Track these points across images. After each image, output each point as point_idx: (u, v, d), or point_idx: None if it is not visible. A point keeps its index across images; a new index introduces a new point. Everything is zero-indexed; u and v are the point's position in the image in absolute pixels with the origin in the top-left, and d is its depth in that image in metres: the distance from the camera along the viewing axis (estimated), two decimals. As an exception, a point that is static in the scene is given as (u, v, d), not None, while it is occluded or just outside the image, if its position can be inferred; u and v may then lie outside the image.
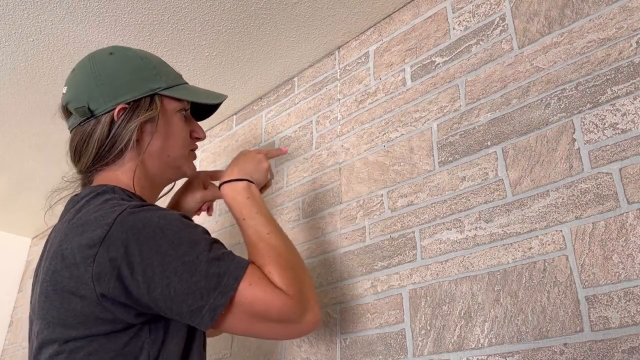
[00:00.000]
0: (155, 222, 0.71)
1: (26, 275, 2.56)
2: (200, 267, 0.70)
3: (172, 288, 0.68)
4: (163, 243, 0.69)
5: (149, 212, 0.73)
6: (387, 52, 1.27)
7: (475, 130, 1.01)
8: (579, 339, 0.76)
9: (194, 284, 0.69)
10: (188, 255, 0.70)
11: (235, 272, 0.71)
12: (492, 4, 1.07)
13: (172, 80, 0.90)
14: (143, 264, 0.68)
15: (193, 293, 0.69)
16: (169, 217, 0.73)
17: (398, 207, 1.08)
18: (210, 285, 0.69)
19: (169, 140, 0.88)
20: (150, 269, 0.68)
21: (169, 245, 0.70)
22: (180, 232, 0.72)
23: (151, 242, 0.69)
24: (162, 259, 0.69)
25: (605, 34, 0.88)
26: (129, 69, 0.86)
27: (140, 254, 0.68)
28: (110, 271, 0.68)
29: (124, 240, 0.69)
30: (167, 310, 0.70)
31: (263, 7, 1.25)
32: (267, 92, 1.59)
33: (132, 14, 1.26)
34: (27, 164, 1.93)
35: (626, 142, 0.80)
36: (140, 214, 0.72)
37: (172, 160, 0.89)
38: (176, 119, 0.90)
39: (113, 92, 0.84)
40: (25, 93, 1.54)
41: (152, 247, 0.69)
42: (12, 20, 1.27)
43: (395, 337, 0.98)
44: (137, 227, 0.70)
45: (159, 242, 0.69)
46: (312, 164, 1.33)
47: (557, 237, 0.83)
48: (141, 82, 0.86)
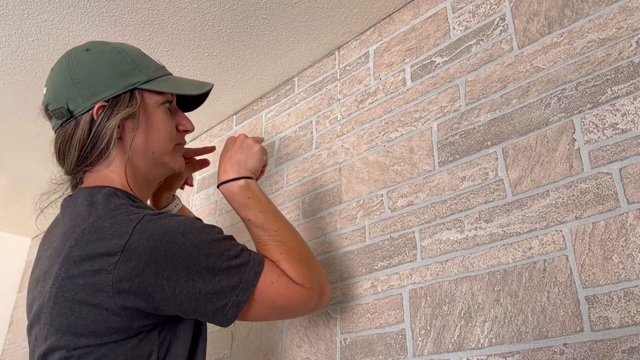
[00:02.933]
0: (174, 227, 0.72)
1: (26, 275, 2.56)
2: (222, 266, 0.73)
3: (198, 289, 0.70)
4: (185, 247, 0.71)
5: (167, 219, 0.73)
6: (387, 52, 1.27)
7: (475, 130, 1.01)
8: (579, 339, 0.76)
9: (217, 283, 0.72)
10: (211, 257, 0.72)
11: (254, 269, 0.76)
12: (492, 4, 1.07)
13: (153, 73, 0.87)
14: (168, 269, 0.69)
15: (217, 292, 0.72)
16: (186, 222, 0.74)
17: (398, 207, 1.08)
18: (232, 283, 0.73)
19: (151, 136, 0.85)
20: (175, 272, 0.70)
21: (191, 248, 0.71)
22: (200, 235, 0.74)
23: (174, 247, 0.70)
24: (186, 262, 0.70)
25: (605, 34, 0.88)
26: (106, 65, 0.83)
27: (165, 259, 0.69)
28: (133, 279, 0.68)
29: (146, 247, 0.69)
30: (191, 311, 0.72)
31: (263, 7, 1.25)
32: (267, 92, 1.59)
33: (132, 14, 1.26)
34: (27, 164, 1.93)
35: (626, 142, 0.80)
36: (159, 222, 0.72)
37: (157, 156, 0.87)
38: (159, 113, 0.86)
39: (91, 90, 0.81)
40: (25, 93, 1.54)
41: (176, 251, 0.70)
42: (12, 20, 1.27)
43: (395, 337, 0.98)
44: (158, 233, 0.70)
45: (182, 247, 0.71)
46: (312, 164, 1.33)
47: (557, 237, 0.83)
48: (119, 77, 0.83)
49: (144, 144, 0.85)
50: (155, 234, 0.70)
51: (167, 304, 0.70)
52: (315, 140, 1.36)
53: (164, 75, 0.89)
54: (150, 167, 0.87)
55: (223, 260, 0.73)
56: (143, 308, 0.70)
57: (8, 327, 2.47)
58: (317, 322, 1.14)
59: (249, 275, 0.75)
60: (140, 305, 0.69)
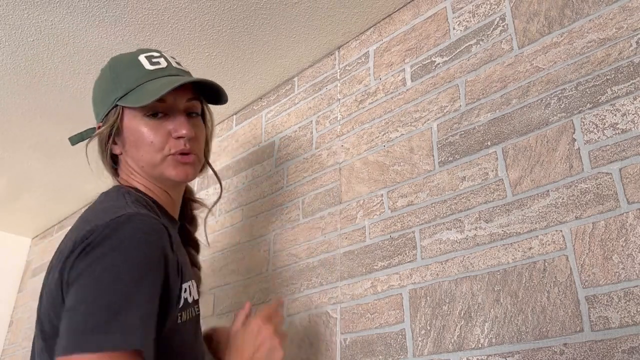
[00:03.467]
0: (122, 240, 0.67)
1: (26, 275, 2.56)
2: (102, 304, 0.62)
3: (74, 313, 0.63)
4: (106, 267, 0.65)
5: (130, 226, 0.69)
6: (387, 52, 1.27)
7: (475, 130, 1.01)
8: (579, 339, 0.76)
9: (84, 319, 0.62)
10: (106, 292, 0.63)
11: (113, 340, 0.60)
12: (492, 4, 1.07)
13: (133, 83, 0.83)
14: (83, 278, 0.65)
15: (75, 328, 0.62)
16: (143, 239, 0.68)
17: (398, 207, 1.08)
18: (90, 326, 0.61)
19: (137, 150, 0.84)
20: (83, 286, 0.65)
21: (106, 272, 0.64)
22: (128, 267, 0.66)
23: (102, 261, 0.66)
24: (92, 280, 0.64)
25: (605, 34, 0.88)
26: (102, 83, 0.87)
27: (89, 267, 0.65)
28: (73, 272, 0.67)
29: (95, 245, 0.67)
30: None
31: (263, 7, 1.25)
32: (267, 92, 1.59)
33: (132, 14, 1.26)
34: (27, 164, 1.93)
35: (626, 142, 0.80)
36: (123, 225, 0.69)
37: (148, 168, 0.84)
38: (140, 124, 0.83)
39: (96, 111, 0.88)
40: (25, 93, 1.54)
41: (100, 265, 0.65)
42: (12, 20, 1.27)
43: (395, 337, 0.98)
44: (107, 240, 0.67)
45: (105, 265, 0.65)
46: (312, 164, 1.33)
47: (557, 237, 0.83)
48: (106, 95, 0.84)
49: (133, 158, 0.85)
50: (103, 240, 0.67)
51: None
52: (315, 140, 1.36)
53: (149, 81, 0.84)
54: (151, 178, 0.86)
55: (108, 305, 0.62)
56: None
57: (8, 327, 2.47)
58: (317, 322, 1.14)
59: (108, 336, 0.60)
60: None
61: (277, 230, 1.34)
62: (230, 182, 1.57)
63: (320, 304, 1.15)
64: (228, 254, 1.46)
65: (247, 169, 1.53)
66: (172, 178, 0.84)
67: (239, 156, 1.59)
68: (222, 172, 1.62)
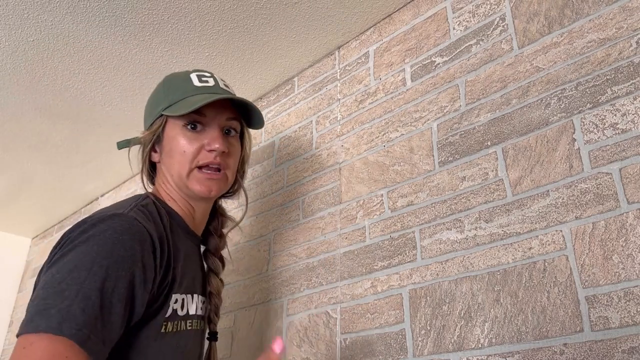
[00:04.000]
0: (95, 237, 0.70)
1: (26, 275, 2.56)
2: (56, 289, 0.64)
3: (36, 294, 0.66)
4: (76, 254, 0.68)
5: (109, 226, 0.71)
6: (387, 52, 1.27)
7: (475, 130, 1.01)
8: (579, 339, 0.76)
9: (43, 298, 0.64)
10: (68, 277, 0.65)
11: (45, 323, 0.61)
12: (492, 4, 1.07)
13: (179, 96, 0.88)
14: (57, 260, 0.69)
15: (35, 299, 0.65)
16: (112, 240, 0.69)
17: (398, 207, 1.08)
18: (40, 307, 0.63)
19: (171, 158, 0.87)
20: (53, 266, 0.68)
21: (73, 259, 0.67)
22: (88, 258, 0.67)
23: (77, 250, 0.68)
24: (62, 265, 0.67)
25: (605, 34, 0.88)
26: (154, 97, 0.93)
27: (63, 255, 0.69)
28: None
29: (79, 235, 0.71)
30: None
31: (263, 7, 1.25)
32: (267, 92, 1.59)
33: (132, 13, 1.26)
34: (27, 164, 1.93)
35: (626, 142, 0.80)
36: (103, 223, 0.71)
37: (176, 179, 0.87)
38: (178, 135, 0.86)
39: (145, 122, 0.93)
40: (25, 93, 1.54)
41: (72, 253, 0.68)
42: (12, 20, 1.27)
43: (395, 337, 0.98)
44: (89, 232, 0.70)
45: (75, 253, 0.68)
46: (312, 164, 1.33)
47: (557, 237, 0.83)
48: (154, 106, 0.90)
49: (166, 167, 0.89)
50: (85, 231, 0.71)
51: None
52: (315, 140, 1.36)
53: (193, 95, 0.87)
54: (179, 189, 0.88)
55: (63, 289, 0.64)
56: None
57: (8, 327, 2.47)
58: (317, 322, 1.14)
59: (43, 321, 0.61)
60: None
61: (277, 230, 1.34)
62: (230, 182, 1.57)
63: (320, 304, 1.15)
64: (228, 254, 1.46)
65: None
66: (196, 192, 0.86)
67: (239, 156, 1.59)
68: (222, 172, 1.62)
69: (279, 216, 1.35)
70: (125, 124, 1.71)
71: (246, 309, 1.33)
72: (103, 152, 1.87)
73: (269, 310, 1.27)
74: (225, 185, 0.90)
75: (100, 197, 2.22)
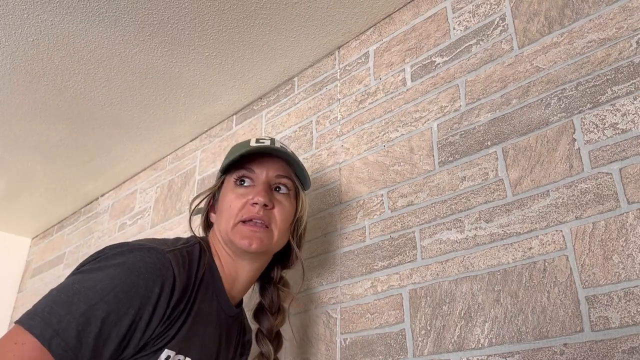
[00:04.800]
0: (107, 259, 0.71)
1: (26, 275, 2.56)
2: (61, 298, 0.66)
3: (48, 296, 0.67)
4: (88, 272, 0.70)
5: (119, 253, 0.72)
6: (387, 52, 1.27)
7: (475, 130, 1.01)
8: (579, 339, 0.76)
9: (48, 303, 0.66)
10: (75, 287, 0.67)
11: (30, 322, 0.63)
12: (492, 4, 1.07)
13: (232, 154, 0.90)
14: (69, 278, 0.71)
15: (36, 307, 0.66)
16: (124, 265, 0.70)
17: (398, 207, 1.08)
18: (40, 308, 0.65)
19: (220, 215, 0.90)
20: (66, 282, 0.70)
21: (84, 275, 0.69)
22: (100, 280, 0.69)
23: (88, 269, 0.71)
24: (74, 281, 0.69)
25: (605, 34, 0.88)
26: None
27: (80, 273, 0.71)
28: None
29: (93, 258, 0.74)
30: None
31: (263, 7, 1.25)
32: (267, 92, 1.59)
33: (132, 13, 1.26)
34: (27, 164, 1.93)
35: (626, 142, 0.80)
36: (117, 249, 0.73)
37: (223, 235, 0.87)
38: (228, 190, 0.89)
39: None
40: (25, 93, 1.54)
41: (85, 272, 0.70)
42: (12, 20, 1.27)
43: (395, 337, 0.98)
44: (100, 258, 0.72)
45: (87, 271, 0.70)
46: (312, 164, 1.33)
47: (557, 237, 0.83)
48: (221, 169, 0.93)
49: (217, 224, 0.90)
50: (100, 256, 0.73)
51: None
52: (315, 140, 1.36)
53: (239, 153, 0.88)
54: (225, 244, 0.88)
55: (68, 299, 0.66)
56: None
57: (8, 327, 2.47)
58: (317, 322, 1.14)
59: (28, 320, 0.64)
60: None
61: (277, 230, 1.34)
62: (230, 182, 1.57)
63: (320, 304, 1.15)
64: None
65: (247, 169, 1.53)
66: (238, 245, 0.85)
67: (239, 156, 1.59)
68: (222, 172, 1.62)
69: (279, 216, 1.35)
70: (125, 124, 1.71)
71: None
72: (103, 152, 1.87)
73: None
74: (270, 241, 0.87)
75: (100, 197, 2.22)
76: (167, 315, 0.73)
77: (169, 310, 0.73)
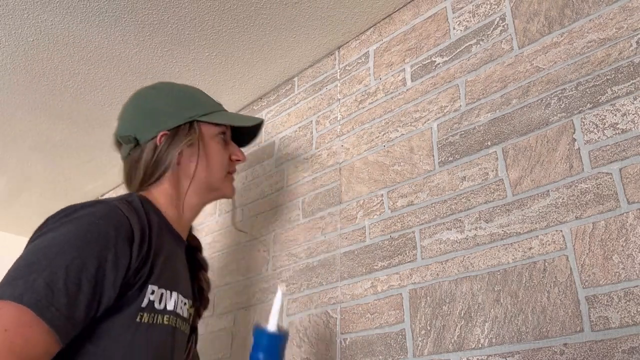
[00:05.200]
0: (74, 221, 0.73)
1: (26, 275, 2.55)
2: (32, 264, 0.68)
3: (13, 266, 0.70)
4: (55, 236, 0.71)
5: (86, 211, 0.74)
6: (387, 52, 1.27)
7: (475, 130, 1.01)
8: (579, 339, 0.76)
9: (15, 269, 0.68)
10: (39, 253, 0.69)
11: (7, 291, 0.64)
12: (492, 4, 1.07)
13: (210, 108, 0.97)
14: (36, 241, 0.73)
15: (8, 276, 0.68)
16: (91, 226, 0.72)
17: (398, 207, 1.08)
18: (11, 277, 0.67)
19: (207, 163, 0.95)
20: (31, 246, 0.72)
21: (50, 240, 0.71)
22: (67, 240, 0.70)
23: (56, 230, 0.72)
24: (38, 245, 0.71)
25: (605, 34, 0.88)
26: (168, 100, 0.95)
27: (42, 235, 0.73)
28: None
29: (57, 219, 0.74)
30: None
31: (263, 7, 1.25)
32: (267, 92, 1.59)
33: (132, 13, 1.26)
34: (27, 164, 1.93)
35: (626, 142, 0.80)
36: (82, 210, 0.75)
37: (210, 182, 0.95)
38: (214, 143, 0.96)
39: (155, 121, 0.92)
40: (25, 93, 1.54)
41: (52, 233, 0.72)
42: (12, 20, 1.27)
43: (395, 337, 0.98)
44: (67, 214, 0.74)
45: (54, 235, 0.71)
46: (312, 164, 1.33)
47: (557, 237, 0.83)
48: (181, 110, 0.94)
49: (200, 171, 0.94)
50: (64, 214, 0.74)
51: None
52: (315, 140, 1.36)
53: (220, 111, 0.99)
54: (201, 192, 0.95)
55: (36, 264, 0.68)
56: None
57: (8, 327, 2.46)
58: (317, 322, 1.14)
59: (7, 290, 0.65)
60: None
61: (277, 230, 1.34)
62: (230, 182, 1.57)
63: (320, 304, 1.15)
64: (228, 254, 1.46)
65: (247, 169, 1.53)
66: (226, 193, 1.00)
67: (239, 156, 1.59)
68: (222, 172, 1.62)
69: (279, 216, 1.35)
70: (125, 124, 1.71)
71: (246, 309, 1.33)
72: (103, 152, 1.87)
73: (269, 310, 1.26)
74: None
75: (100, 197, 2.23)
76: (134, 255, 0.76)
77: (135, 248, 0.76)
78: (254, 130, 1.08)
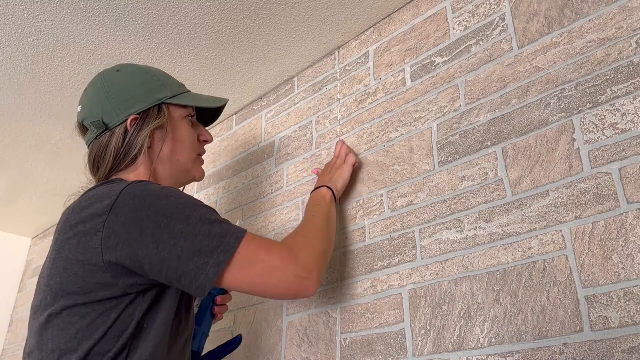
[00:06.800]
0: (159, 191, 0.78)
1: (26, 275, 2.56)
2: (204, 227, 0.75)
3: (180, 247, 0.73)
4: (169, 207, 0.75)
5: (154, 185, 0.80)
6: (387, 52, 1.27)
7: (475, 130, 1.01)
8: (579, 339, 0.76)
9: (199, 243, 0.74)
10: (192, 218, 0.76)
11: (236, 234, 0.78)
12: (492, 4, 1.07)
13: (177, 90, 0.98)
14: (152, 226, 0.73)
15: (199, 251, 0.74)
16: (172, 188, 0.81)
17: (398, 207, 1.08)
18: (214, 244, 0.75)
19: (177, 145, 0.95)
20: (158, 230, 0.73)
21: (175, 209, 0.75)
22: (183, 199, 0.78)
23: (158, 207, 0.75)
24: (168, 221, 0.74)
25: (605, 34, 0.88)
26: (136, 83, 0.94)
27: (149, 218, 0.74)
28: (119, 235, 0.73)
29: (132, 206, 0.74)
30: (173, 270, 0.73)
31: (263, 7, 1.25)
32: (267, 92, 1.59)
33: (132, 14, 1.26)
34: (27, 164, 1.93)
35: (626, 142, 0.80)
36: (146, 186, 0.78)
37: (182, 164, 0.97)
38: (183, 124, 0.97)
39: (124, 105, 0.91)
40: (25, 93, 1.54)
41: (159, 210, 0.75)
42: (12, 20, 1.27)
43: (395, 337, 0.98)
44: (143, 194, 0.76)
45: (166, 207, 0.75)
46: (312, 164, 1.33)
47: (557, 237, 0.83)
48: (148, 93, 0.93)
49: (171, 152, 0.95)
50: (140, 195, 0.76)
51: (150, 262, 0.73)
52: (315, 140, 1.36)
53: (186, 92, 1.00)
54: (173, 174, 0.96)
55: (204, 223, 0.76)
56: (128, 265, 0.74)
57: (8, 327, 2.47)
58: (317, 322, 1.14)
59: (231, 238, 0.76)
60: (125, 262, 0.73)
61: (277, 230, 1.34)
62: (230, 182, 1.57)
63: (320, 304, 1.15)
64: (228, 254, 1.46)
65: (247, 169, 1.53)
66: (196, 176, 1.01)
67: (239, 156, 1.59)
68: (222, 172, 1.62)
69: (279, 216, 1.35)
70: (125, 124, 1.71)
71: (246, 309, 1.33)
72: (103, 152, 1.87)
73: (269, 310, 1.27)
74: None
75: (100, 197, 2.22)
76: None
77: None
78: (217, 111, 1.09)
